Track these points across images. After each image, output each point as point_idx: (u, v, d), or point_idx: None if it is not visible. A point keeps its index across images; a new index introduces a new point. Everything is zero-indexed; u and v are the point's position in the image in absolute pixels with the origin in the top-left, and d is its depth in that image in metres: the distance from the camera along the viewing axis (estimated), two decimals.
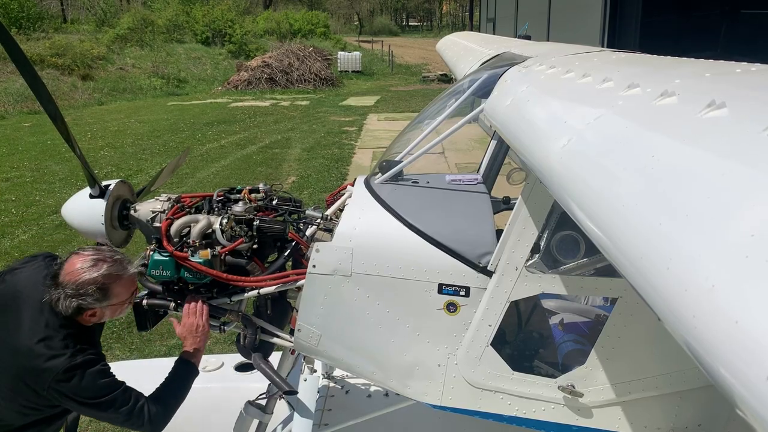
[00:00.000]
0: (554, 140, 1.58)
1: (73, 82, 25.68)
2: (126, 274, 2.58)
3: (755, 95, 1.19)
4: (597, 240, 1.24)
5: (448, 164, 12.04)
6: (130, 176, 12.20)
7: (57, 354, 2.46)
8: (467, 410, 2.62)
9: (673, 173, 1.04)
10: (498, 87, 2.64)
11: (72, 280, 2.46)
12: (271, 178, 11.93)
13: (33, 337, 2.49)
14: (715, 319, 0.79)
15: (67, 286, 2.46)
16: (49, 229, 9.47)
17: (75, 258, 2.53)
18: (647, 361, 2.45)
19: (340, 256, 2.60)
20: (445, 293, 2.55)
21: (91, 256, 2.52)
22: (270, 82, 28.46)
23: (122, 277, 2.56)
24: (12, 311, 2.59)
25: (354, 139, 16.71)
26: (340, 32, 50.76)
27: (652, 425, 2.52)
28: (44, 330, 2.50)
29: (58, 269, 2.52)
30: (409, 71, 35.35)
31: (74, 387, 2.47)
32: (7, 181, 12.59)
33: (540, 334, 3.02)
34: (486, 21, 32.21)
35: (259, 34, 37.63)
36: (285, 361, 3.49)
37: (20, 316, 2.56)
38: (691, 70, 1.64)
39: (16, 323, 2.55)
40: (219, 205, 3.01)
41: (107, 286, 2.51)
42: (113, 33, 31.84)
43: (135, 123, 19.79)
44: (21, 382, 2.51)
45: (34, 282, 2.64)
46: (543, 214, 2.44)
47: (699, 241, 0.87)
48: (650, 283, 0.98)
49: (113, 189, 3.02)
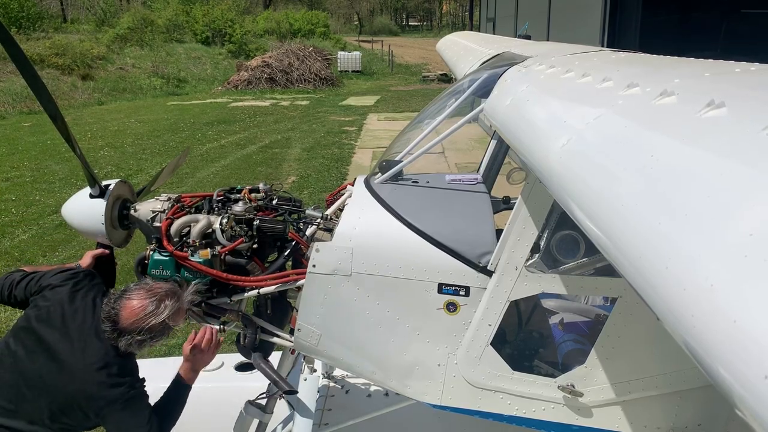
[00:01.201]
0: (554, 140, 1.58)
1: (73, 82, 25.67)
2: (183, 305, 2.62)
3: (755, 95, 1.19)
4: (596, 240, 1.24)
5: (448, 164, 12.04)
6: (130, 176, 12.20)
7: (117, 383, 2.54)
8: (467, 410, 2.62)
9: (673, 173, 1.04)
10: (498, 87, 2.64)
11: (139, 327, 2.50)
12: (271, 178, 11.93)
13: (93, 364, 2.53)
14: (714, 319, 0.79)
15: (134, 332, 2.50)
16: (49, 229, 9.47)
17: (132, 302, 2.53)
18: (647, 361, 2.45)
19: (340, 255, 2.60)
20: (445, 293, 2.55)
21: (150, 299, 2.53)
22: (270, 82, 28.45)
23: (181, 309, 2.61)
24: (62, 334, 2.59)
25: (354, 139, 16.70)
26: (340, 32, 50.72)
27: (652, 425, 2.52)
28: (104, 358, 2.54)
29: (113, 313, 2.52)
30: (409, 71, 35.34)
31: (125, 416, 2.55)
32: (7, 181, 12.58)
33: (540, 333, 3.02)
34: (486, 21, 32.18)
35: (259, 33, 37.63)
36: (285, 361, 3.49)
37: (72, 340, 2.57)
38: (691, 70, 1.64)
39: (68, 347, 2.56)
40: (219, 204, 3.01)
41: (172, 324, 2.58)
42: (113, 33, 31.83)
43: (135, 123, 19.78)
44: (74, 403, 2.54)
45: (82, 306, 2.64)
46: (543, 214, 2.44)
47: (698, 241, 0.87)
48: (649, 282, 0.98)
49: (113, 189, 3.02)
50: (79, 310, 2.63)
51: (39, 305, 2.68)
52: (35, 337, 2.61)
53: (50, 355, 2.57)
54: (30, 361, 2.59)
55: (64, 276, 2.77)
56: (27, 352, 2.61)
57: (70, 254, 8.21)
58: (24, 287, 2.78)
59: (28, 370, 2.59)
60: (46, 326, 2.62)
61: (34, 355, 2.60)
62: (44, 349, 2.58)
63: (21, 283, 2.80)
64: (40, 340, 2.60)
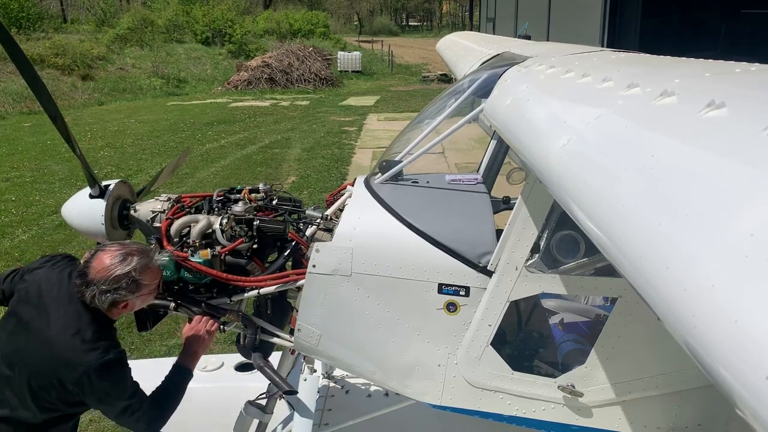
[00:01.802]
0: (554, 140, 1.58)
1: (73, 82, 25.66)
2: (153, 263, 2.64)
3: (755, 95, 1.19)
4: (597, 240, 1.24)
5: (448, 164, 12.03)
6: (130, 176, 12.19)
7: (91, 348, 2.52)
8: (467, 410, 2.62)
9: (673, 173, 1.04)
10: (498, 87, 2.65)
11: (105, 276, 2.51)
12: (271, 178, 11.93)
13: (67, 330, 2.53)
14: (715, 319, 0.79)
15: (100, 282, 2.50)
16: (49, 229, 9.47)
17: (102, 255, 2.56)
18: (647, 361, 2.45)
19: (340, 256, 2.60)
20: (445, 293, 2.55)
21: (119, 251, 2.57)
22: (270, 82, 28.44)
23: (151, 267, 2.61)
24: (39, 308, 2.61)
25: (354, 139, 16.70)
26: (340, 32, 50.72)
27: (652, 425, 2.52)
28: (77, 323, 2.55)
29: (85, 267, 2.55)
30: (409, 71, 35.33)
31: (102, 383, 2.53)
32: (7, 181, 12.58)
33: (540, 333, 3.02)
34: (486, 21, 32.19)
35: (259, 34, 37.61)
36: (285, 361, 3.49)
37: (48, 311, 2.59)
38: (691, 70, 1.64)
39: (45, 319, 2.58)
40: (219, 205, 3.01)
41: (139, 278, 2.56)
42: (113, 33, 31.81)
43: (135, 123, 19.78)
44: (53, 375, 2.53)
45: (58, 279, 2.67)
46: (543, 214, 2.44)
47: (699, 241, 0.87)
48: (650, 282, 0.98)
49: (113, 189, 3.02)
50: (54, 284, 2.65)
51: (19, 288, 2.72)
52: (16, 318, 2.65)
53: (28, 331, 2.58)
54: (11, 342, 2.61)
55: (43, 259, 2.82)
56: (8, 335, 2.63)
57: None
58: (10, 281, 2.81)
59: (9, 352, 2.61)
60: (24, 305, 2.65)
61: (13, 336, 2.62)
62: (23, 327, 2.60)
63: (7, 279, 2.83)
64: (20, 319, 2.63)
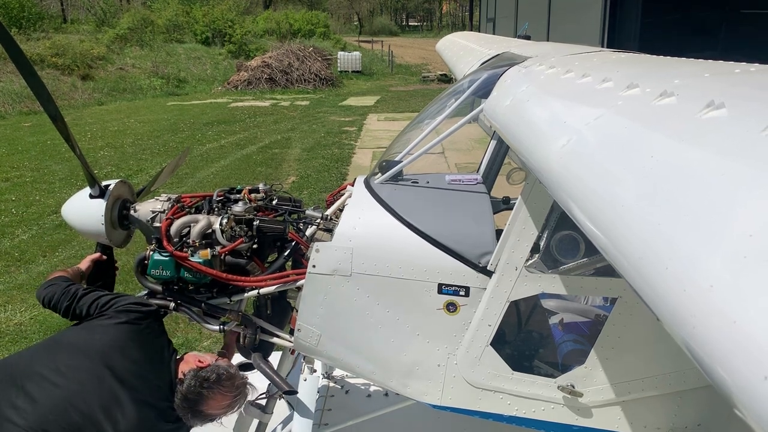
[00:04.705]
0: (554, 140, 1.58)
1: (73, 82, 25.65)
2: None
3: (754, 95, 1.19)
4: (596, 240, 1.24)
5: (448, 164, 12.02)
6: (130, 176, 12.19)
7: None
8: (467, 410, 2.63)
9: (673, 173, 1.04)
10: (498, 87, 2.65)
11: (213, 414, 2.60)
12: (271, 178, 11.92)
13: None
14: (714, 319, 0.79)
15: (207, 417, 2.60)
16: (49, 229, 9.46)
17: (223, 398, 2.57)
18: (647, 361, 2.45)
19: (339, 256, 2.60)
20: (444, 293, 2.55)
21: (237, 398, 2.62)
22: (270, 82, 28.43)
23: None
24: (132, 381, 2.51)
25: (354, 139, 16.69)
26: (340, 32, 50.68)
27: (652, 425, 2.53)
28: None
29: (198, 399, 2.53)
30: (409, 71, 35.32)
31: None
32: (7, 181, 12.57)
33: (540, 334, 3.02)
34: (486, 21, 32.17)
35: (259, 34, 37.59)
36: (285, 361, 3.49)
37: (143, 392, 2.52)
38: (691, 70, 1.64)
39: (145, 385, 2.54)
40: (219, 205, 3.01)
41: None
42: (113, 33, 31.79)
43: (135, 123, 19.77)
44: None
45: (149, 359, 2.59)
46: (543, 214, 2.44)
47: (698, 242, 0.87)
48: (649, 283, 0.98)
49: (113, 189, 3.02)
50: (151, 365, 2.58)
51: (101, 337, 2.55)
52: (98, 363, 2.47)
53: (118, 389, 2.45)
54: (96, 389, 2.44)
55: (133, 315, 2.64)
56: (90, 377, 2.45)
57: (70, 254, 8.21)
58: (88, 305, 2.67)
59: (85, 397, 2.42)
60: (118, 356, 2.52)
61: (100, 382, 2.46)
62: (115, 378, 2.46)
63: (84, 299, 2.68)
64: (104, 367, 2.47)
